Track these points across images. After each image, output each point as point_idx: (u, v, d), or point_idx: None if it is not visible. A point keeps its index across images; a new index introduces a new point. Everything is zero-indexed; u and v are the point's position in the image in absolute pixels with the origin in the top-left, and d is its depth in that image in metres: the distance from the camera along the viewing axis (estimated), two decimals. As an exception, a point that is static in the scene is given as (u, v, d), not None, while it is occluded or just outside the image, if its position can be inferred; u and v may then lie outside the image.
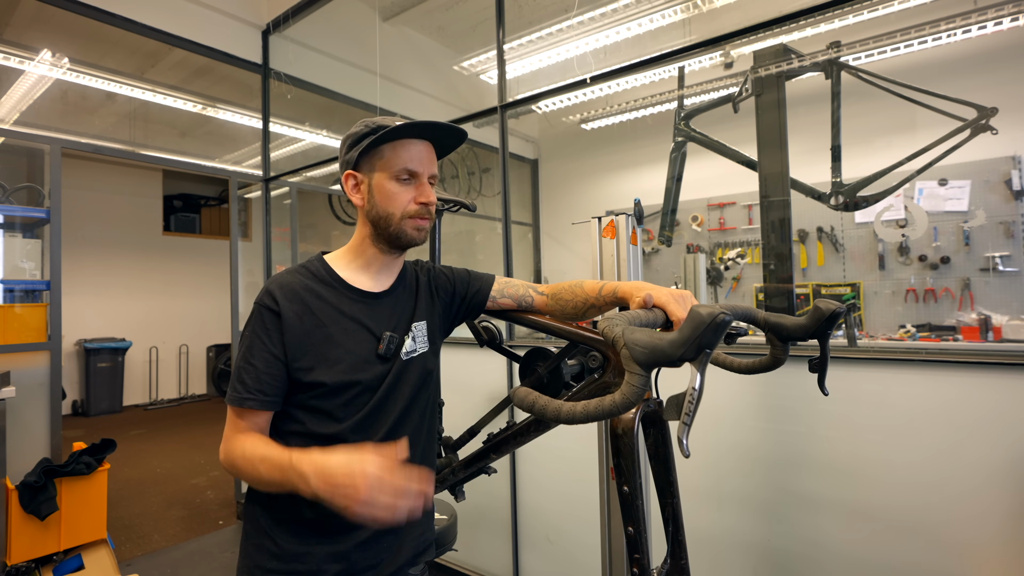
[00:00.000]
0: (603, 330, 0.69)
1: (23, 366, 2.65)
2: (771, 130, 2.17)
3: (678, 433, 0.66)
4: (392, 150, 0.97)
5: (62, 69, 3.26)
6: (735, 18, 1.98)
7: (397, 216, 0.98)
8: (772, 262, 2.12)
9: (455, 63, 3.74)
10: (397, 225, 0.98)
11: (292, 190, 4.05)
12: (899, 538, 1.54)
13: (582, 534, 2.20)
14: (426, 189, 0.99)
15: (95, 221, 6.96)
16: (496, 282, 1.15)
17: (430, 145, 1.02)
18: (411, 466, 0.78)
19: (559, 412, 0.70)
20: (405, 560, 1.02)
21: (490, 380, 2.49)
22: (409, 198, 0.98)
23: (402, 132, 0.96)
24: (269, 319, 0.94)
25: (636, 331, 0.66)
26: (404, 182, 0.98)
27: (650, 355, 0.64)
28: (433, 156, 1.02)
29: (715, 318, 0.62)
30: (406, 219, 0.98)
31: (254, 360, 0.92)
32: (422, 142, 1.00)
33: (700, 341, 0.63)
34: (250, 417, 0.94)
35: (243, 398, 0.92)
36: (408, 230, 0.99)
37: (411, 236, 1.00)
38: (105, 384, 6.67)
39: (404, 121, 0.96)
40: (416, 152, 0.98)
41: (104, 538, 2.74)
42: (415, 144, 0.99)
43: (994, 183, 3.31)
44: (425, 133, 1.00)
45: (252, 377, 0.92)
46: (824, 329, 0.96)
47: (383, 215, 0.98)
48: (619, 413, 0.65)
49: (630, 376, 0.64)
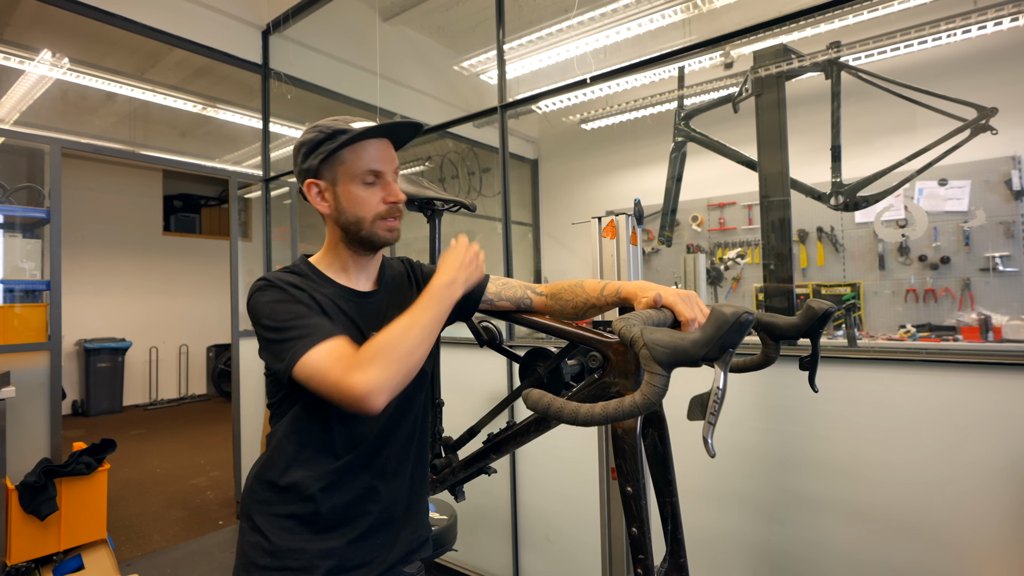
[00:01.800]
0: (620, 330, 0.69)
1: (23, 366, 2.65)
2: (771, 130, 2.17)
3: (703, 433, 0.65)
4: (353, 153, 0.96)
5: (62, 69, 3.26)
6: (735, 18, 1.98)
7: (368, 220, 0.96)
8: (772, 262, 2.12)
9: (455, 63, 3.74)
10: (369, 229, 0.97)
11: (292, 190, 4.04)
12: (899, 538, 1.54)
13: (582, 534, 2.20)
14: (392, 188, 0.98)
15: (95, 221, 6.96)
16: (493, 283, 1.14)
17: (387, 141, 1.00)
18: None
19: (576, 414, 0.68)
20: (398, 557, 1.02)
21: (490, 380, 2.48)
22: (377, 200, 0.97)
23: (365, 137, 0.96)
24: (278, 287, 0.92)
25: (656, 331, 0.66)
26: (370, 184, 0.97)
27: (672, 355, 0.63)
28: (392, 150, 1.01)
29: (739, 317, 0.62)
30: (377, 221, 0.97)
31: (296, 317, 0.87)
32: (380, 140, 0.99)
33: (723, 340, 0.63)
34: (334, 340, 0.84)
35: (320, 336, 0.83)
36: (380, 232, 0.98)
37: (383, 238, 0.98)
38: (105, 384, 6.67)
39: (362, 123, 0.95)
40: (377, 152, 0.97)
41: (104, 538, 2.73)
42: (374, 144, 0.97)
43: (994, 183, 3.31)
44: (379, 131, 0.99)
45: (306, 324, 0.86)
46: (816, 328, 0.97)
47: (353, 220, 0.97)
48: (640, 414, 0.65)
49: (651, 376, 0.63)
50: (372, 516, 0.98)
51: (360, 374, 0.77)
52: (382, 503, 0.99)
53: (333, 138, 0.94)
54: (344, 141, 0.94)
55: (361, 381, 0.77)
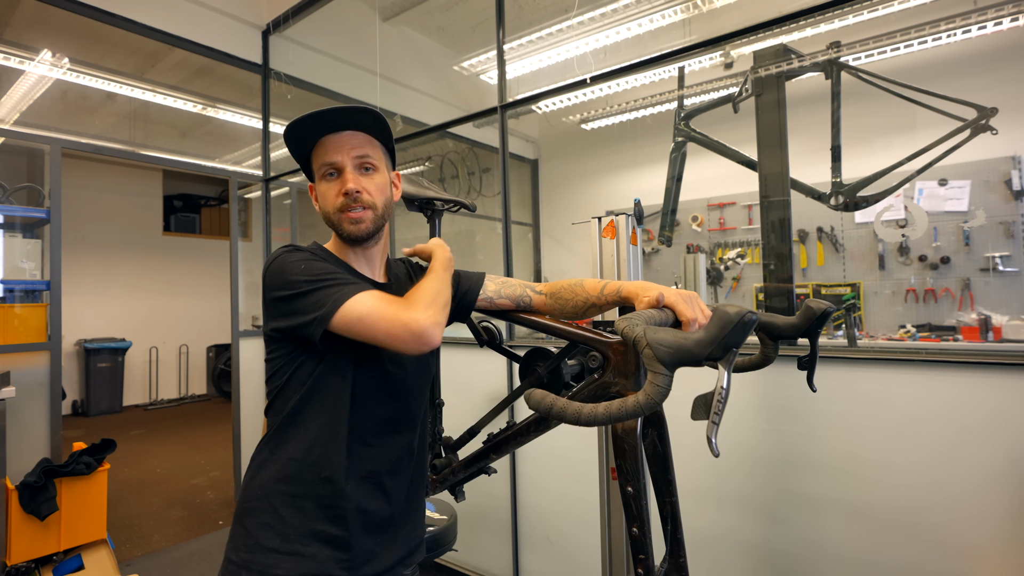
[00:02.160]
0: (622, 330, 0.69)
1: (23, 366, 2.65)
2: (771, 130, 2.17)
3: (707, 432, 0.65)
4: (315, 152, 0.99)
5: (62, 69, 3.26)
6: (735, 18, 1.98)
7: (331, 213, 0.97)
8: (772, 262, 2.12)
9: (455, 63, 3.74)
10: (335, 222, 0.98)
11: (292, 190, 4.05)
12: (899, 538, 1.54)
13: (582, 534, 2.20)
14: (347, 177, 0.95)
15: (95, 221, 6.96)
16: (492, 282, 1.14)
17: (356, 133, 0.98)
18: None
19: (579, 414, 0.68)
20: (399, 558, 1.02)
21: (490, 380, 2.48)
22: (335, 192, 0.96)
23: (304, 131, 0.96)
24: (306, 252, 0.95)
25: (659, 331, 0.66)
26: (330, 178, 0.97)
27: (675, 355, 0.63)
28: (360, 140, 0.98)
29: (743, 317, 0.62)
30: (339, 214, 0.97)
31: (323, 275, 0.89)
32: (344, 132, 0.98)
33: (727, 340, 0.63)
34: (375, 291, 0.88)
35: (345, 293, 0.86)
36: (344, 225, 0.97)
37: (347, 231, 0.97)
38: (105, 384, 6.67)
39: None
40: (333, 144, 0.96)
41: (104, 538, 2.73)
42: (333, 137, 0.97)
43: (994, 183, 3.31)
44: (341, 124, 0.97)
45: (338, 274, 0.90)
46: (815, 328, 0.97)
47: (325, 216, 0.99)
48: (643, 414, 0.65)
49: (654, 376, 0.63)
50: (380, 511, 0.98)
51: (421, 312, 0.84)
52: (389, 498, 0.99)
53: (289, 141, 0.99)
54: (286, 137, 0.97)
55: (424, 316, 0.83)
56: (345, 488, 0.93)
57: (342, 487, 0.92)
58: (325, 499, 0.92)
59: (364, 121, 0.98)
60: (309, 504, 0.92)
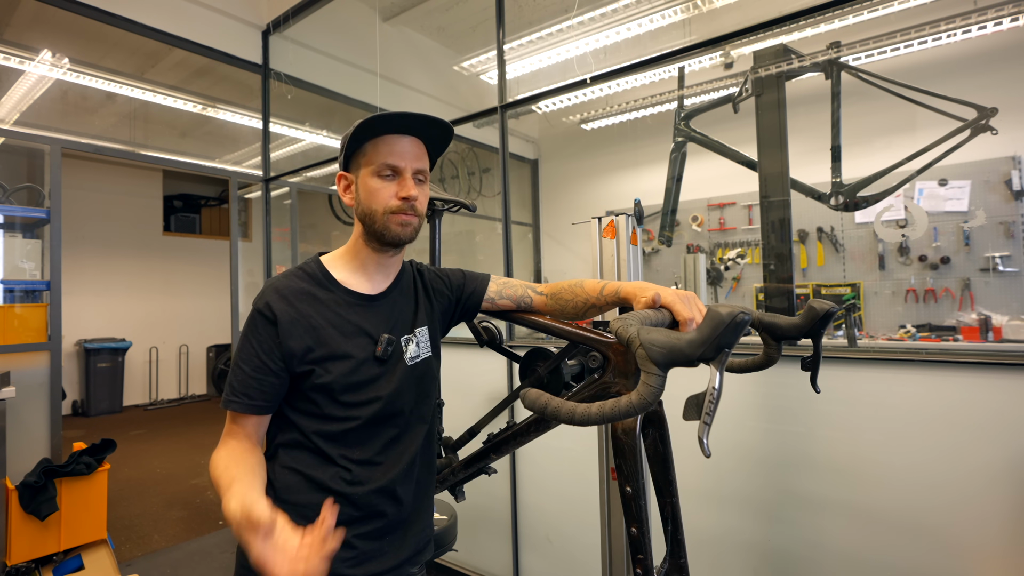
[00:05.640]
0: (616, 330, 0.69)
1: (23, 366, 2.65)
2: (771, 130, 2.17)
3: (699, 433, 0.65)
4: (374, 147, 0.97)
5: (62, 69, 3.26)
6: (735, 18, 1.98)
7: (380, 212, 0.96)
8: (772, 262, 2.12)
9: (455, 63, 3.74)
10: (381, 222, 0.97)
11: (292, 190, 4.05)
12: (900, 539, 1.54)
13: (582, 534, 2.20)
14: (407, 183, 0.97)
15: (95, 221, 6.96)
16: (493, 282, 1.15)
17: (417, 141, 1.00)
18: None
19: (573, 414, 0.68)
20: (407, 556, 1.02)
21: (490, 380, 2.48)
22: (391, 194, 0.96)
23: (376, 125, 0.95)
24: (262, 325, 0.94)
25: (652, 331, 0.66)
26: (386, 178, 0.97)
27: (668, 355, 0.63)
28: (420, 151, 1.00)
29: (735, 318, 0.62)
30: (388, 215, 0.96)
31: (243, 364, 0.94)
32: (406, 138, 0.98)
33: (719, 341, 0.63)
34: (239, 420, 0.97)
35: (228, 400, 0.96)
36: (392, 226, 0.97)
37: (395, 232, 0.97)
38: (105, 384, 6.67)
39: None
40: (398, 147, 0.97)
41: (104, 538, 2.73)
42: (398, 140, 0.97)
43: (994, 183, 3.31)
44: (408, 128, 0.98)
45: (240, 381, 0.94)
46: (818, 328, 0.97)
47: (367, 212, 0.98)
48: (637, 414, 0.65)
49: (647, 376, 0.63)
50: (393, 515, 0.99)
51: (213, 468, 0.94)
52: (401, 503, 1.00)
53: (359, 132, 0.97)
54: (357, 132, 0.95)
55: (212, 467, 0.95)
56: (358, 502, 0.95)
57: (355, 502, 0.95)
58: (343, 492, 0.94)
59: (434, 135, 1.01)
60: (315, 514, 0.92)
